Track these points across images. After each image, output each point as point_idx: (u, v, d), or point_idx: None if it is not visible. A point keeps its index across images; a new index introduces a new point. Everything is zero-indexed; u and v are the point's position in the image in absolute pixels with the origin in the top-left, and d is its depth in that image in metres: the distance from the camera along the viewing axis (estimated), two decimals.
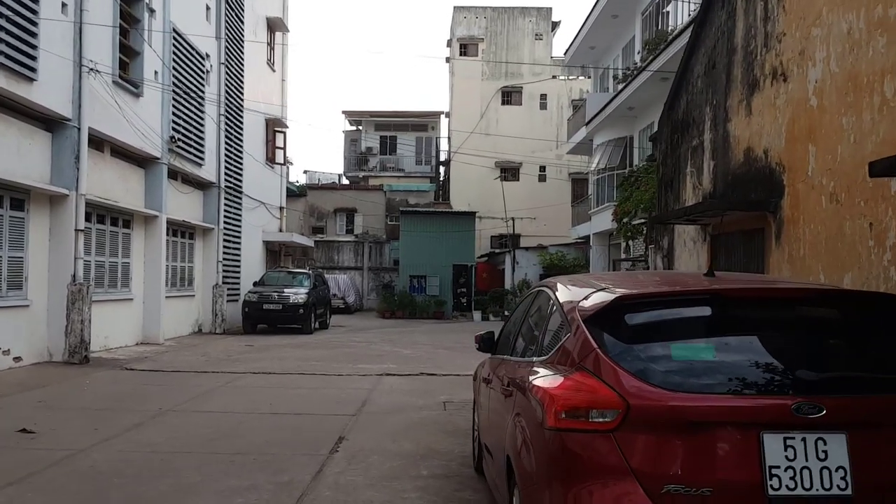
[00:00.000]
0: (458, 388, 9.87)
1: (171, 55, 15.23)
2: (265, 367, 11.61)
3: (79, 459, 5.81)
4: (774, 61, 6.03)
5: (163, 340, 15.03)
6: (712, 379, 2.62)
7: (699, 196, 7.46)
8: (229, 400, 8.67)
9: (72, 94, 11.53)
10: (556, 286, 3.70)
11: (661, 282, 3.50)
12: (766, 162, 6.22)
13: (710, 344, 2.76)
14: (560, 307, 3.31)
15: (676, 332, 2.83)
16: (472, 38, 36.51)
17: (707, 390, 2.58)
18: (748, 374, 2.65)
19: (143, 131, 13.87)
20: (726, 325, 2.85)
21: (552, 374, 2.95)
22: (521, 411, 3.15)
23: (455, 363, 12.75)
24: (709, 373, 2.65)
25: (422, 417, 7.78)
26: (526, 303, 4.38)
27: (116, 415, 7.63)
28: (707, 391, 2.57)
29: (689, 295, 2.96)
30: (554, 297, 3.53)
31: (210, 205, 18.32)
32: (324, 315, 20.69)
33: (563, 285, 3.65)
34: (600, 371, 2.70)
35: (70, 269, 11.57)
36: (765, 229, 6.20)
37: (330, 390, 9.60)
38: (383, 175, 37.94)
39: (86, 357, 11.57)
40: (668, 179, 8.19)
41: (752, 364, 2.69)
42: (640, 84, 19.58)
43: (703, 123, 7.32)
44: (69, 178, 11.56)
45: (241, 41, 20.05)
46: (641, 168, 18.81)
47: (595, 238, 25.34)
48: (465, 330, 21.03)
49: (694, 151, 7.54)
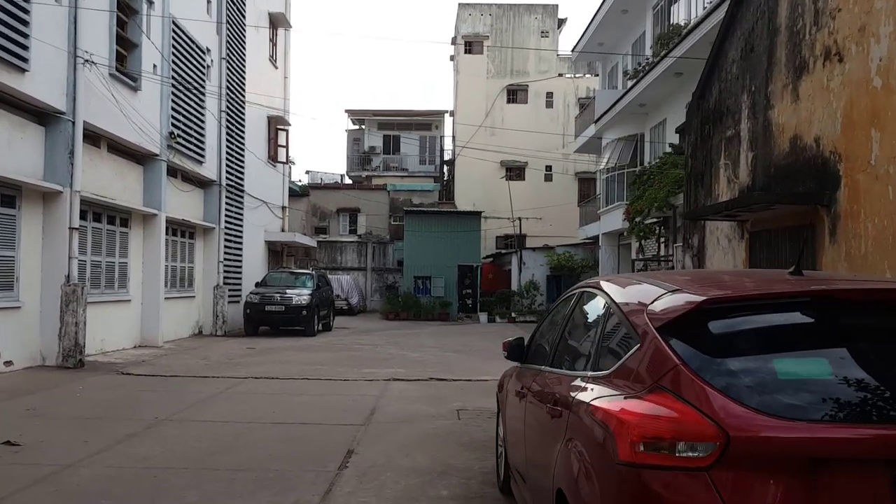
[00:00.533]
0: (470, 394, 9.36)
1: (170, 48, 14.73)
2: (267, 372, 11.10)
3: (65, 476, 5.30)
4: (827, 40, 5.51)
5: (162, 343, 14.52)
6: (832, 402, 2.10)
7: (734, 190, 6.93)
8: (230, 408, 8.16)
9: (66, 87, 11.04)
10: (606, 287, 3.18)
11: (739, 281, 2.96)
12: (817, 151, 5.69)
13: (822, 357, 2.24)
14: (620, 312, 2.79)
15: (779, 343, 2.31)
16: (478, 36, 36.02)
17: (829, 418, 2.05)
18: (877, 397, 2.12)
19: (141, 126, 13.37)
20: (840, 334, 2.33)
21: (618, 393, 2.43)
22: (578, 437, 2.62)
23: (465, 367, 12.25)
24: (827, 394, 2.12)
25: (435, 428, 7.26)
26: (564, 306, 3.85)
27: (109, 424, 7.12)
28: (829, 419, 2.05)
29: (792, 297, 2.42)
30: (608, 300, 3.01)
31: (211, 203, 17.81)
32: (327, 317, 20.17)
33: (615, 286, 3.13)
34: (685, 392, 2.18)
35: (64, 268, 11.07)
36: (816, 225, 5.67)
37: (336, 397, 9.09)
38: (387, 175, 37.44)
39: (80, 361, 11.07)
40: (699, 173, 7.66)
41: (879, 383, 2.17)
42: (651, 80, 19.06)
43: (740, 112, 6.80)
44: (63, 173, 11.06)
45: (243, 36, 19.55)
46: (654, 166, 18.28)
47: (604, 238, 24.81)
48: (473, 332, 20.51)
49: (729, 142, 7.02)
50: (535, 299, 26.64)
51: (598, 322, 3.06)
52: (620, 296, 2.95)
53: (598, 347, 2.91)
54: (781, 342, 2.31)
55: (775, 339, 2.32)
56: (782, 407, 2.06)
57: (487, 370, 11.79)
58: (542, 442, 3.18)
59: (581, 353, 3.20)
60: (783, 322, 2.36)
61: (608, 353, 2.78)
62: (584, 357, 3.11)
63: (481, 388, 9.98)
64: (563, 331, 3.60)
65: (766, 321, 2.36)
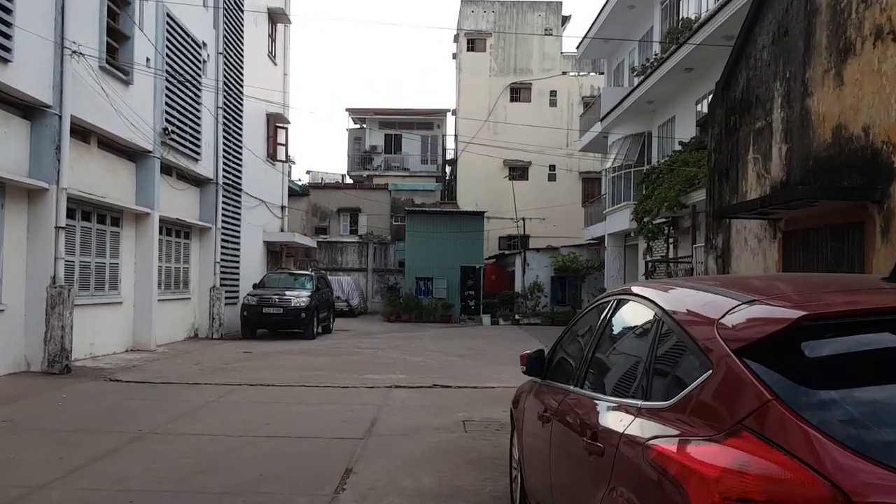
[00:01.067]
0: (476, 403, 8.84)
1: (164, 41, 14.22)
2: (263, 378, 10.58)
3: (33, 500, 4.79)
4: (879, 18, 4.99)
5: (154, 347, 14.00)
6: None
7: (765, 186, 6.40)
8: (221, 419, 7.63)
9: (52, 79, 10.53)
10: (651, 294, 2.65)
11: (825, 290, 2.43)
12: (866, 141, 5.16)
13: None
14: (679, 327, 2.26)
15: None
16: (480, 33, 35.48)
17: None
18: None
19: (133, 122, 12.85)
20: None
21: (685, 434, 1.90)
22: (627, 486, 2.10)
23: (470, 373, 11.73)
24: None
25: (440, 442, 6.73)
26: (594, 317, 3.30)
27: (89, 438, 6.60)
28: None
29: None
30: (658, 311, 2.48)
31: (207, 202, 17.28)
32: (327, 319, 19.63)
33: (662, 293, 2.61)
34: (780, 436, 1.66)
35: (50, 269, 10.55)
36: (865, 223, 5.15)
37: (334, 406, 8.57)
38: (388, 174, 36.91)
39: (66, 367, 10.55)
40: (723, 168, 7.12)
41: None
42: (660, 76, 18.55)
43: (772, 101, 6.27)
44: (49, 170, 10.55)
45: (241, 31, 19.04)
46: (664, 164, 17.75)
47: (610, 239, 24.28)
48: (476, 335, 19.98)
49: (758, 134, 6.49)
50: (539, 301, 26.10)
51: (645, 338, 2.53)
52: (674, 305, 2.42)
53: (649, 370, 2.38)
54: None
55: (892, 366, 1.80)
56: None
57: (493, 376, 11.28)
58: (576, 482, 2.66)
59: (624, 375, 2.68)
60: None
61: (664, 379, 2.26)
62: (628, 381, 2.58)
63: (488, 396, 9.47)
64: (595, 346, 3.06)
65: (881, 342, 1.84)
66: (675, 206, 15.94)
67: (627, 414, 2.30)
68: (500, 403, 8.72)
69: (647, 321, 2.56)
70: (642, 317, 2.66)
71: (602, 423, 2.49)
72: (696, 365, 2.04)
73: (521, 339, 18.57)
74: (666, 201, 16.14)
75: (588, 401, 2.82)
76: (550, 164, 34.55)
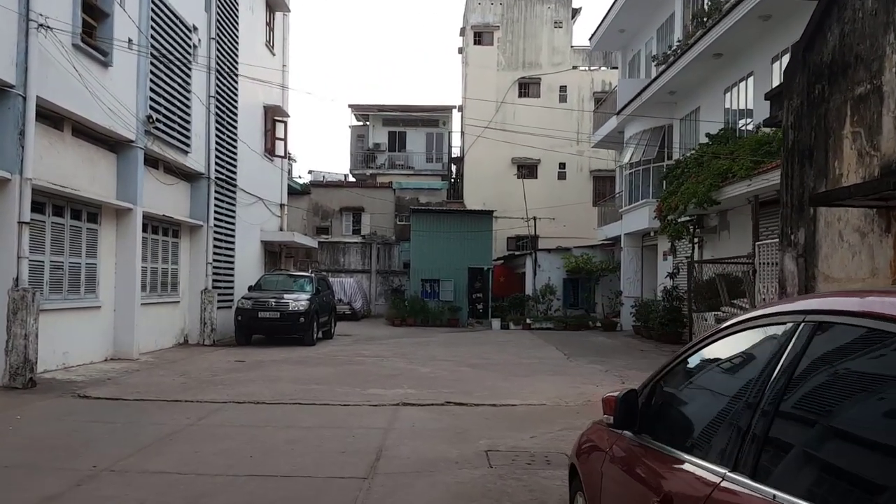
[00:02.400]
0: (497, 426, 7.58)
1: (148, 21, 12.99)
2: (253, 394, 9.33)
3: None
4: None
5: (137, 355, 12.76)
6: None
7: (871, 166, 5.14)
8: (195, 449, 6.38)
9: (15, 55, 9.32)
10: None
11: None
12: None
13: None
14: None
15: None
16: (488, 26, 34.22)
17: None
18: None
19: (112, 108, 11.63)
20: None
21: None
22: None
23: (485, 386, 10.46)
24: None
25: (461, 483, 5.47)
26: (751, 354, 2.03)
27: (28, 478, 5.36)
28: None
29: None
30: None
31: (198, 198, 16.04)
32: (328, 323, 18.35)
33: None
34: None
35: (12, 270, 9.33)
36: None
37: (333, 431, 7.31)
38: (392, 172, 35.68)
39: (31, 380, 9.33)
40: (806, 148, 5.86)
41: None
42: (685, 64, 17.31)
43: (881, 59, 5.01)
44: (11, 158, 9.33)
45: (236, 15, 17.82)
46: (691, 157, 16.47)
47: (627, 239, 23.00)
48: (487, 341, 18.68)
49: (860, 102, 5.23)
50: (551, 304, 24.80)
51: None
52: None
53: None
54: None
55: None
56: None
57: (512, 391, 10.02)
58: None
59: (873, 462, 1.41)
60: None
61: None
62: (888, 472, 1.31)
63: (509, 416, 8.22)
64: (774, 405, 1.77)
65: None
66: (705, 201, 14.67)
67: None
68: (525, 427, 7.48)
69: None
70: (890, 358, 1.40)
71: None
72: None
73: (537, 347, 17.27)
74: (695, 197, 14.87)
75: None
76: (560, 162, 33.29)
